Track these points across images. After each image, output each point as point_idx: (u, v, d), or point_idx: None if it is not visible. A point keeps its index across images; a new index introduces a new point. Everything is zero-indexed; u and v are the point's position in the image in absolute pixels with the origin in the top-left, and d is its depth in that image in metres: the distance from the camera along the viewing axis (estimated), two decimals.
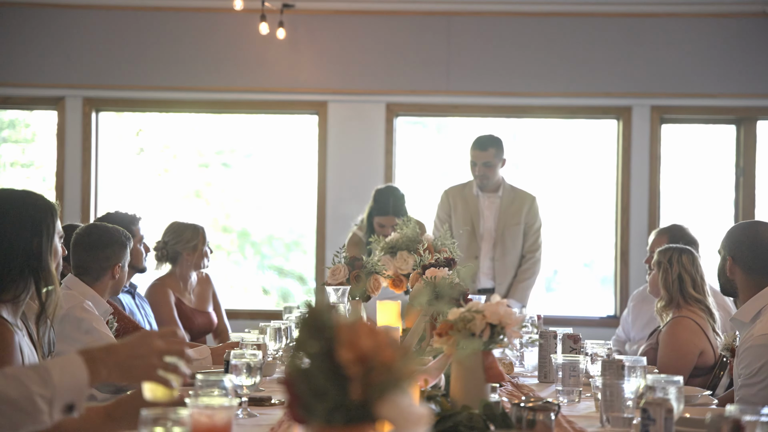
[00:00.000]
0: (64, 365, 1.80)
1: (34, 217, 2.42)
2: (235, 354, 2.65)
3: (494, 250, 5.88)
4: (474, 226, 5.88)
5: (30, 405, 1.76)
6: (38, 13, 6.97)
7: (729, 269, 3.43)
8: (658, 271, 4.04)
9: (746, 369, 3.20)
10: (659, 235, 4.88)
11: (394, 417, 1.34)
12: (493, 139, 5.86)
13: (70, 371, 1.80)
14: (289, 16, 6.88)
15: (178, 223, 5.12)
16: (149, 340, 1.87)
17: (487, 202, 5.91)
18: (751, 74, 6.96)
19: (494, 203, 5.91)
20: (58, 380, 1.78)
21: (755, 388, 3.16)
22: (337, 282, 4.03)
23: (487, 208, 5.92)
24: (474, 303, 2.41)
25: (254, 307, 7.23)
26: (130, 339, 1.88)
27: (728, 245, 3.46)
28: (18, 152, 7.49)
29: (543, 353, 3.54)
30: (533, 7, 7.00)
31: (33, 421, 1.78)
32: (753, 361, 3.18)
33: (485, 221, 5.91)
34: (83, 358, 1.82)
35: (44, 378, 1.77)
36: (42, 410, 1.77)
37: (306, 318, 1.40)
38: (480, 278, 5.87)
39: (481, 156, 5.81)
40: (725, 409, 2.02)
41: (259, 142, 7.49)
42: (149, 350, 1.85)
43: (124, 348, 1.86)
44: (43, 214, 2.44)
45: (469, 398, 2.33)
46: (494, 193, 5.92)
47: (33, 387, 1.76)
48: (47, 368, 1.79)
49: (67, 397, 1.80)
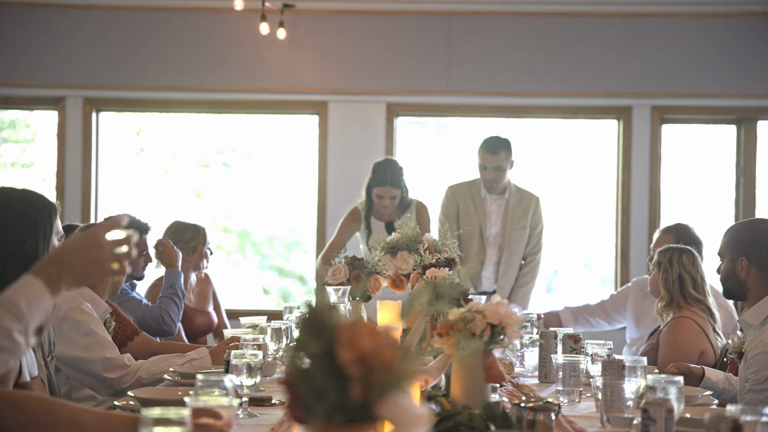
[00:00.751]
0: (27, 294, 1.83)
1: (31, 217, 2.40)
2: (236, 354, 2.65)
3: (500, 254, 5.80)
4: (482, 229, 5.78)
5: (9, 342, 1.81)
6: (39, 13, 6.97)
7: (743, 270, 3.32)
8: (659, 271, 4.04)
9: (755, 375, 3.18)
10: (664, 233, 4.85)
11: (395, 417, 1.34)
12: (503, 141, 5.70)
13: (35, 298, 1.83)
14: (290, 16, 6.88)
15: (179, 222, 5.13)
16: (97, 240, 1.88)
17: (494, 205, 5.80)
18: (752, 74, 6.96)
19: (501, 206, 5.79)
20: (26, 310, 1.82)
21: (763, 394, 3.15)
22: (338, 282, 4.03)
23: (494, 212, 5.83)
24: (474, 303, 2.41)
25: (254, 307, 7.22)
26: (79, 244, 1.88)
27: (738, 246, 3.36)
28: (18, 152, 7.49)
29: (543, 353, 3.54)
30: (534, 7, 7.00)
31: (14, 354, 1.82)
32: (762, 368, 3.15)
33: (492, 225, 5.82)
34: (42, 280, 1.85)
35: (15, 313, 1.81)
36: (20, 342, 1.82)
37: (306, 318, 1.40)
38: (482, 282, 5.81)
39: (492, 160, 5.65)
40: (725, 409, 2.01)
41: (259, 142, 7.49)
42: (100, 252, 1.87)
43: (76, 256, 1.87)
44: (41, 213, 2.42)
45: (469, 398, 2.33)
46: (501, 196, 5.80)
47: (8, 324, 1.80)
48: (13, 301, 1.82)
49: (37, 322, 1.84)
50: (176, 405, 2.16)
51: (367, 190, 5.61)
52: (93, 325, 3.39)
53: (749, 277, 3.32)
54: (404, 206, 5.63)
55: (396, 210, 5.60)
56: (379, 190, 5.52)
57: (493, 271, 5.82)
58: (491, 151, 5.66)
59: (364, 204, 5.64)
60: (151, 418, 1.68)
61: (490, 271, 5.82)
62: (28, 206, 2.42)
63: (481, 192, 5.80)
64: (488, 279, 5.82)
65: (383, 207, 5.56)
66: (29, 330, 1.82)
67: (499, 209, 5.80)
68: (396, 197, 5.54)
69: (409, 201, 5.66)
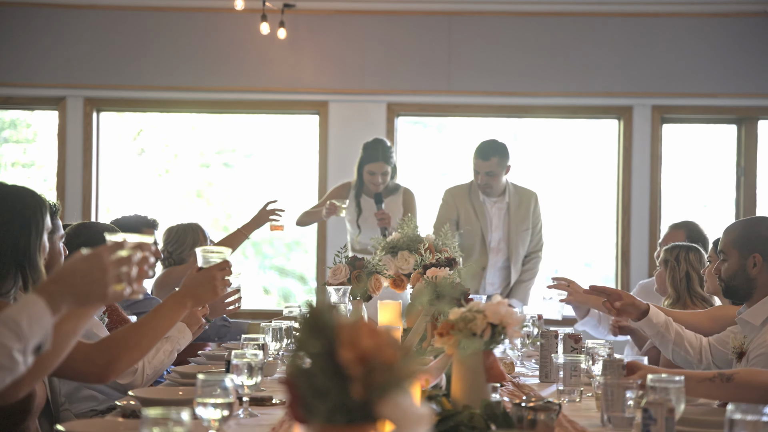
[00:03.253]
0: (29, 312, 1.81)
1: (23, 213, 2.39)
2: (236, 354, 2.65)
3: (504, 259, 5.76)
4: (483, 234, 5.71)
5: (9, 361, 1.79)
6: (39, 13, 6.97)
7: (756, 267, 3.22)
8: (665, 269, 4.03)
9: None
10: (674, 228, 4.83)
11: (396, 417, 1.34)
12: (497, 146, 5.62)
13: (36, 317, 1.81)
14: (290, 16, 6.88)
15: (174, 228, 5.09)
16: (101, 262, 1.87)
17: (494, 209, 5.74)
18: (752, 74, 6.96)
19: (501, 209, 5.74)
20: (28, 329, 1.80)
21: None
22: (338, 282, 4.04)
23: (495, 216, 5.77)
24: (475, 303, 2.41)
25: (255, 307, 7.22)
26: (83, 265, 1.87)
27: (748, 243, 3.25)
28: (19, 152, 7.49)
29: (544, 353, 3.54)
30: (534, 6, 7.00)
31: (11, 373, 1.81)
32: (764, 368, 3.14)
33: (494, 230, 5.74)
34: (44, 299, 1.83)
35: (16, 332, 1.79)
36: (19, 362, 1.80)
37: (307, 318, 1.40)
38: (486, 288, 5.76)
39: (483, 165, 5.59)
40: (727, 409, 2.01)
41: (260, 142, 7.49)
42: (103, 274, 1.86)
43: (78, 277, 1.86)
44: (32, 210, 2.41)
45: (470, 398, 2.33)
46: (501, 198, 5.75)
47: (8, 343, 1.78)
48: (15, 320, 1.80)
49: (36, 341, 1.82)
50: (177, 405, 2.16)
51: (358, 168, 5.73)
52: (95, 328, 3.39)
53: (761, 274, 3.23)
54: (392, 189, 5.72)
55: (384, 191, 5.68)
56: (371, 166, 5.62)
57: (499, 276, 5.77)
58: (482, 157, 5.61)
59: (355, 182, 5.72)
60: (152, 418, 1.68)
61: (495, 276, 5.76)
62: (19, 203, 2.41)
63: (480, 195, 5.75)
64: (492, 285, 5.76)
65: (374, 184, 5.65)
66: (28, 349, 1.80)
67: (500, 212, 5.76)
68: (387, 174, 5.66)
69: (397, 185, 5.75)
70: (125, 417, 2.51)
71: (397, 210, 5.66)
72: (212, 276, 2.77)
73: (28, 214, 2.40)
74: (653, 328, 3.42)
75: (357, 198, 5.75)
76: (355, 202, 5.74)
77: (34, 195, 2.45)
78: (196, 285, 2.76)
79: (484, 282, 5.74)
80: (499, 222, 5.74)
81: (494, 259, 5.74)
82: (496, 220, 5.74)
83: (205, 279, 2.77)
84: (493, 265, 5.75)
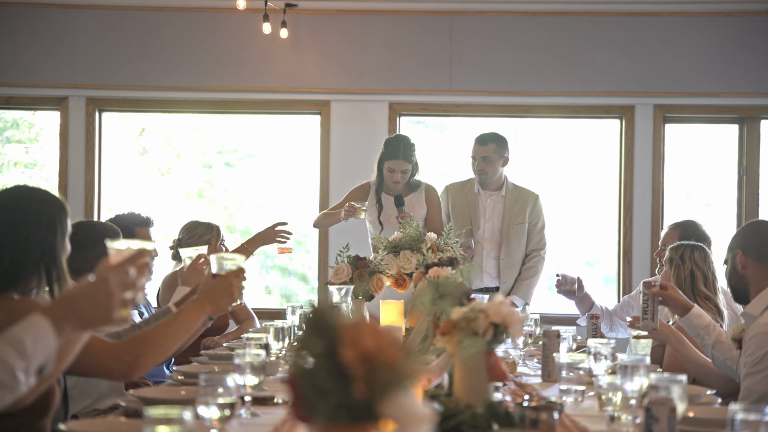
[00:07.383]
0: (34, 332, 1.82)
1: (50, 216, 2.44)
2: (239, 353, 2.65)
3: (499, 250, 5.81)
4: (473, 225, 5.78)
5: (11, 380, 1.79)
6: (41, 13, 6.98)
7: (741, 263, 3.34)
8: (670, 267, 4.03)
9: (750, 357, 3.16)
10: (673, 228, 4.84)
11: (398, 416, 1.34)
12: (494, 135, 5.80)
13: (41, 337, 1.82)
14: (292, 16, 6.88)
15: (193, 221, 5.19)
16: (107, 287, 1.88)
17: (490, 202, 5.81)
18: (754, 73, 6.95)
19: (498, 203, 5.82)
20: (31, 349, 1.80)
21: (758, 376, 3.12)
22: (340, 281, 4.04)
23: (490, 208, 5.84)
24: (477, 302, 2.42)
25: (255, 306, 7.22)
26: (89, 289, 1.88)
27: (733, 242, 3.41)
28: (21, 152, 7.50)
29: (546, 352, 3.54)
30: (536, 6, 7.00)
31: (13, 393, 1.81)
32: (757, 349, 3.14)
33: (487, 221, 5.85)
34: (49, 320, 1.84)
35: (20, 351, 1.79)
36: (21, 381, 1.80)
37: (309, 317, 1.41)
38: (483, 277, 5.81)
39: (480, 151, 5.75)
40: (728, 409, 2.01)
41: (262, 141, 7.49)
42: (108, 298, 1.87)
43: (84, 300, 1.87)
44: (58, 213, 2.47)
45: (472, 397, 2.33)
46: (497, 192, 5.82)
47: (11, 362, 1.79)
48: (20, 339, 1.80)
49: (40, 362, 1.83)
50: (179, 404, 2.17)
51: (378, 164, 5.57)
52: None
53: (746, 270, 3.34)
54: (413, 186, 5.62)
55: (405, 188, 5.59)
56: (391, 164, 5.47)
57: (494, 266, 5.81)
58: (480, 142, 5.78)
59: (376, 180, 5.63)
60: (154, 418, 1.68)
61: (490, 266, 5.81)
62: (47, 206, 2.46)
63: (475, 187, 5.84)
64: (489, 273, 5.81)
65: (394, 182, 5.51)
66: (31, 369, 1.81)
67: (495, 205, 5.82)
68: (407, 172, 5.51)
69: (418, 182, 5.65)
70: (127, 416, 2.52)
71: (420, 207, 5.57)
72: (229, 283, 2.85)
73: (54, 217, 2.45)
74: (693, 329, 3.47)
75: (378, 195, 5.65)
76: (376, 199, 5.65)
77: (58, 198, 2.51)
78: (214, 291, 2.83)
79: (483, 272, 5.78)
80: (492, 213, 5.80)
81: (488, 248, 5.78)
82: (490, 212, 5.80)
83: (223, 285, 2.85)
84: (488, 254, 5.80)
